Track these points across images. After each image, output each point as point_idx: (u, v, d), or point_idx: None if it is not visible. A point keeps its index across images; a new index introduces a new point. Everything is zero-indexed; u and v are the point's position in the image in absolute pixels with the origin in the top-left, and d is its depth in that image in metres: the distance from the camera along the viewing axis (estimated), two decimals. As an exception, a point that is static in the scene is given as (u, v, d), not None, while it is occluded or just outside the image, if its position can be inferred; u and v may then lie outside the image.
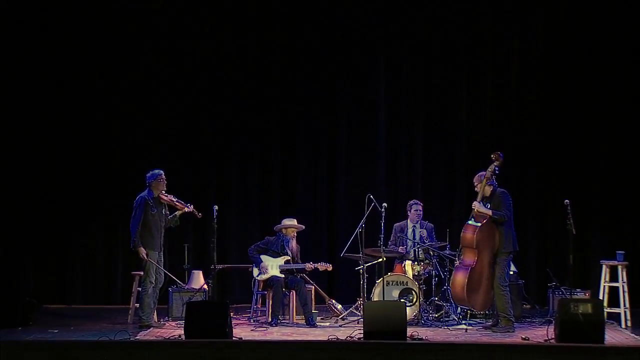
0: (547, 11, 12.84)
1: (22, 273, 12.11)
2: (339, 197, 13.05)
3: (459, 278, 10.32)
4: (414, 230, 11.40)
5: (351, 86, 13.06)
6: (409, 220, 11.44)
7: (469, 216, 10.44)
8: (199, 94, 12.93)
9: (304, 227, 11.31)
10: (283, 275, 10.90)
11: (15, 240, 12.13)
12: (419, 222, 11.42)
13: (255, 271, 11.02)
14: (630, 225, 12.46)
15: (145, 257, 10.42)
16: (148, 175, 10.64)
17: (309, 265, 10.98)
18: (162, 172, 10.63)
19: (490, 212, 10.12)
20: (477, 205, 10.22)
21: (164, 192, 10.61)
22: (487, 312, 10.80)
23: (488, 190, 10.27)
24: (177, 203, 10.64)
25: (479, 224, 10.20)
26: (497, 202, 10.18)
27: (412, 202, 11.49)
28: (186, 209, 10.65)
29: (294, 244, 11.15)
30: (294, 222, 11.19)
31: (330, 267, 11.14)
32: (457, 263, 10.58)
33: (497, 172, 10.26)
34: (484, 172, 10.28)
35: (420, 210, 11.38)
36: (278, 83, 13.02)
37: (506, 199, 10.18)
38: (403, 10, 12.94)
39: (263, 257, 10.98)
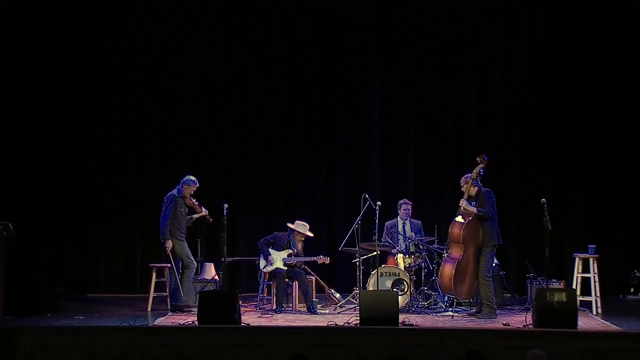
0: (528, 16, 12.84)
1: (50, 264, 12.17)
2: (337, 196, 13.03)
3: (447, 270, 10.39)
4: (404, 227, 11.42)
5: (348, 93, 13.03)
6: (399, 218, 11.46)
7: (456, 213, 10.50)
8: (209, 102, 12.92)
9: (313, 235, 11.31)
10: (286, 268, 10.92)
11: (43, 234, 12.18)
12: (408, 219, 11.45)
13: (262, 263, 11.04)
14: (601, 222, 12.49)
15: (169, 248, 10.58)
16: (185, 179, 10.77)
17: (309, 258, 11.01)
18: (197, 182, 10.79)
19: (475, 210, 10.17)
20: (464, 204, 10.28)
21: (190, 195, 10.76)
22: (471, 300, 10.83)
23: (473, 190, 10.32)
24: (197, 207, 10.80)
25: (465, 221, 10.26)
26: (482, 200, 10.24)
27: (402, 201, 11.50)
28: (203, 213, 10.82)
29: (300, 245, 11.15)
30: (307, 229, 11.13)
31: (327, 260, 11.14)
32: (445, 256, 10.63)
33: (482, 173, 10.31)
34: (469, 174, 10.33)
35: (409, 210, 11.40)
36: (282, 91, 13.00)
37: (490, 198, 10.25)
38: (396, 18, 12.93)
39: (270, 250, 11.01)
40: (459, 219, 10.37)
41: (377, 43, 13.03)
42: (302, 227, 11.12)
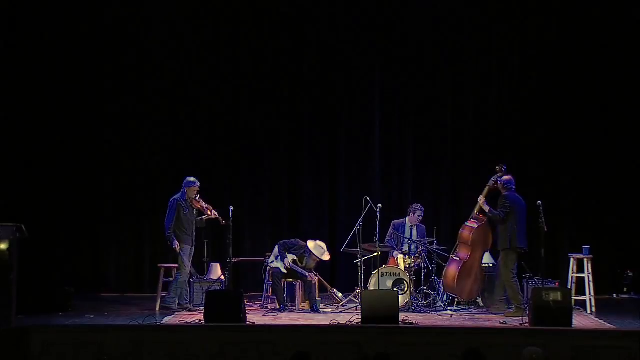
0: (524, 20, 12.88)
1: (62, 264, 12.18)
2: (339, 199, 13.04)
3: (452, 269, 10.53)
4: (411, 230, 11.39)
5: (349, 98, 13.06)
6: (407, 220, 11.40)
7: (470, 215, 10.68)
8: (216, 107, 12.94)
9: (329, 259, 11.19)
10: (285, 271, 10.87)
11: (56, 235, 12.19)
12: (417, 224, 11.44)
13: (271, 258, 11.02)
14: (595, 223, 12.51)
15: (177, 248, 10.64)
16: (185, 181, 10.78)
17: (302, 273, 10.91)
18: (197, 182, 10.78)
19: (487, 209, 10.33)
20: (482, 200, 10.45)
21: (196, 197, 10.74)
22: (469, 301, 10.86)
23: (503, 190, 10.40)
24: (205, 209, 10.83)
25: (476, 226, 10.43)
26: (500, 203, 10.36)
27: (416, 206, 11.35)
28: (212, 216, 10.84)
29: (312, 265, 10.99)
30: (323, 252, 10.94)
31: (315, 280, 11.01)
32: (451, 256, 10.71)
33: (498, 180, 10.47)
34: (493, 177, 10.62)
35: (422, 217, 11.35)
36: (285, 96, 13.03)
37: (505, 201, 10.31)
38: (396, 19, 12.97)
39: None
40: (471, 223, 10.52)
41: (377, 48, 13.03)
42: (318, 251, 10.93)
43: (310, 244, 11.01)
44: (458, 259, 10.52)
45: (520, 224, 10.30)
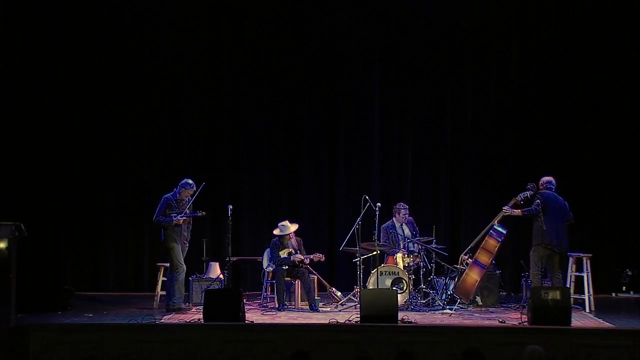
0: (521, 27, 12.90)
1: (62, 263, 12.17)
2: (338, 198, 13.03)
3: (474, 275, 10.57)
4: (402, 228, 11.39)
5: (349, 100, 13.05)
6: (395, 221, 11.39)
7: (492, 223, 10.70)
8: (216, 107, 12.97)
9: (297, 226, 11.17)
10: (287, 267, 10.89)
11: (55, 235, 12.17)
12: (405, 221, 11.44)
13: (265, 263, 11.02)
14: (594, 222, 12.50)
15: (169, 248, 10.46)
16: (182, 182, 10.63)
17: (306, 257, 10.95)
18: (194, 185, 10.57)
19: (519, 212, 10.42)
20: (507, 210, 10.51)
21: (187, 199, 10.62)
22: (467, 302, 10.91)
23: (542, 189, 10.47)
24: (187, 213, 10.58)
25: (502, 239, 10.59)
26: (534, 201, 10.43)
27: (400, 205, 11.41)
28: (177, 220, 10.49)
29: (293, 241, 11.08)
30: (287, 228, 10.98)
31: (322, 258, 11.04)
32: (466, 259, 10.75)
33: (528, 197, 10.52)
34: (522, 193, 10.58)
35: (407, 214, 11.36)
36: (285, 96, 13.02)
37: (538, 197, 10.35)
38: (396, 22, 12.99)
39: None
40: (498, 235, 10.62)
41: (377, 49, 13.04)
42: (283, 229, 10.99)
43: (275, 231, 11.04)
44: (480, 265, 10.56)
45: (552, 221, 10.26)
